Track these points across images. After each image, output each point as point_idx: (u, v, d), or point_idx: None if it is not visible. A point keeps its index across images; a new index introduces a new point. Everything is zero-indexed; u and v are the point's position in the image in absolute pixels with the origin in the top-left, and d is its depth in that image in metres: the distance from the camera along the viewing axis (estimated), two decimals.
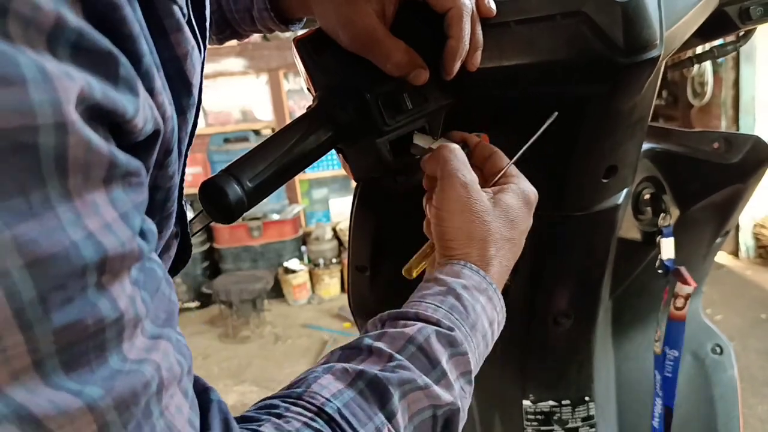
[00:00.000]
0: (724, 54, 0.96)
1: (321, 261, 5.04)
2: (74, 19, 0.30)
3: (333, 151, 0.76)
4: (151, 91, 0.37)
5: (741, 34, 0.93)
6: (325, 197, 5.41)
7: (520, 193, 0.66)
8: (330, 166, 5.11)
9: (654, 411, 0.94)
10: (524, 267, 0.91)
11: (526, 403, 0.99)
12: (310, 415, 0.46)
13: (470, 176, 0.64)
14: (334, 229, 5.25)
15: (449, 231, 0.63)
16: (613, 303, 1.01)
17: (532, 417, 0.99)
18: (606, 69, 0.66)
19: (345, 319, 4.01)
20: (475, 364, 0.58)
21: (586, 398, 0.99)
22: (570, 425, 0.99)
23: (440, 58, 0.66)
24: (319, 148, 0.66)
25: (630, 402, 1.05)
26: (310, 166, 0.69)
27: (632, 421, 1.05)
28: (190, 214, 0.62)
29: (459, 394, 0.54)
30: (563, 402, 0.99)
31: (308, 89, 0.73)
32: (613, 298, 1.00)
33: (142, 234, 0.36)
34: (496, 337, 0.63)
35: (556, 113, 0.69)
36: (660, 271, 0.91)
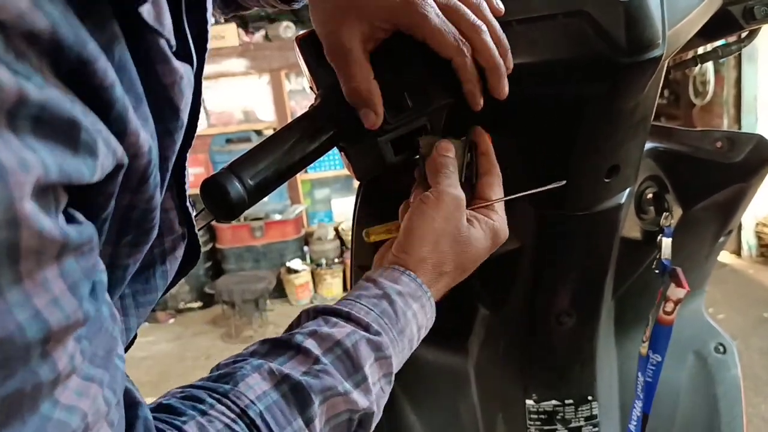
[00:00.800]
0: (728, 54, 0.96)
1: (323, 261, 5.04)
2: (37, 93, 0.31)
3: (335, 151, 0.76)
4: (121, 133, 0.37)
5: (745, 34, 0.93)
6: (328, 197, 5.41)
7: (494, 231, 0.69)
8: (332, 166, 5.11)
9: (632, 414, 0.93)
10: (527, 266, 0.91)
11: (528, 402, 0.99)
12: (233, 416, 0.48)
13: (462, 194, 0.67)
14: (336, 229, 5.25)
15: (422, 231, 0.65)
16: (615, 302, 1.01)
17: (534, 416, 0.99)
18: (608, 68, 0.66)
19: None
20: (397, 365, 0.61)
21: (589, 397, 0.99)
22: (573, 425, 0.99)
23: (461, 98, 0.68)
24: (321, 147, 0.66)
25: (633, 401, 1.05)
26: (312, 164, 0.69)
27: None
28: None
29: (377, 394, 0.57)
30: (566, 401, 0.99)
31: (311, 88, 0.73)
32: (615, 298, 1.00)
33: (93, 289, 0.37)
34: (422, 337, 0.66)
35: (564, 181, 0.73)
36: (657, 272, 0.91)
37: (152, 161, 0.42)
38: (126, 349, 0.53)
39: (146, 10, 0.39)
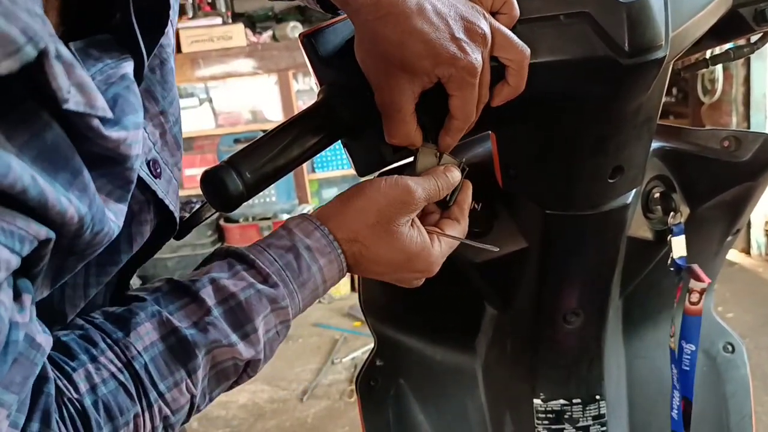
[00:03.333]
0: (740, 56, 0.96)
1: None
2: None
3: (342, 150, 0.77)
4: (41, 216, 0.42)
5: (758, 36, 0.93)
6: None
7: (424, 252, 0.70)
8: (340, 165, 5.11)
9: (672, 403, 0.93)
10: (533, 265, 0.91)
11: (536, 401, 0.99)
12: (120, 365, 0.53)
13: (419, 194, 0.68)
14: None
15: (360, 198, 0.68)
16: (623, 302, 1.01)
17: (542, 416, 1.00)
18: (610, 70, 0.66)
19: (355, 318, 4.01)
20: (297, 313, 0.65)
21: (597, 397, 0.99)
22: (581, 424, 0.99)
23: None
24: (320, 143, 0.68)
25: (641, 400, 1.05)
26: (320, 164, 0.70)
27: (643, 420, 1.05)
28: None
29: (270, 340, 0.62)
30: (574, 401, 0.99)
31: (317, 84, 0.74)
32: (623, 297, 1.00)
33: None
34: (330, 287, 0.68)
35: (498, 249, 0.76)
36: (672, 270, 0.91)
37: (84, 225, 0.46)
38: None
39: (74, 103, 0.41)
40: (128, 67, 0.52)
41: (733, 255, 4.47)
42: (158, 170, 0.62)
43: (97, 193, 0.48)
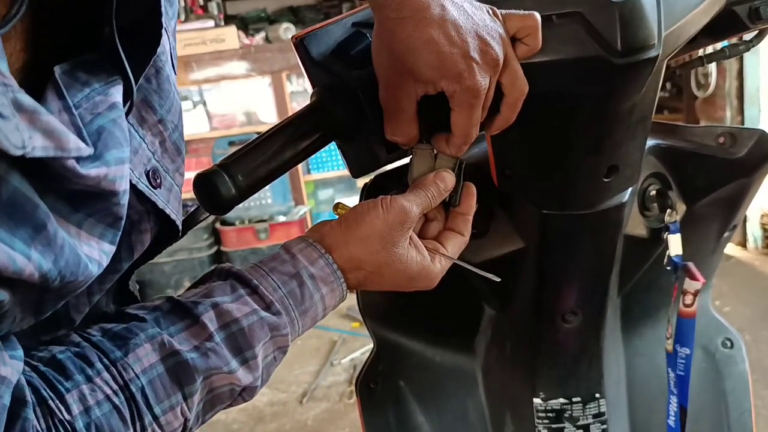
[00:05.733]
0: (736, 54, 0.96)
1: None
2: None
3: (338, 151, 0.77)
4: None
5: (754, 34, 0.93)
6: (331, 198, 5.40)
7: (425, 271, 0.70)
8: (335, 166, 5.10)
9: (669, 409, 0.93)
10: (531, 266, 0.91)
11: (536, 401, 0.99)
12: (115, 387, 0.52)
13: (413, 213, 0.68)
14: None
15: (359, 224, 0.67)
16: (621, 300, 1.01)
17: (542, 415, 1.00)
18: (603, 70, 0.66)
19: (354, 319, 4.01)
20: (294, 338, 0.64)
21: (597, 395, 0.99)
22: (581, 422, 0.99)
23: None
24: (314, 145, 0.68)
25: (641, 398, 1.05)
26: (316, 165, 0.70)
27: (644, 417, 1.05)
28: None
29: (267, 365, 0.61)
30: (574, 399, 0.99)
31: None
32: (621, 295, 1.00)
33: None
34: (328, 313, 0.68)
35: (499, 279, 0.76)
36: (668, 268, 0.91)
37: (49, 279, 0.44)
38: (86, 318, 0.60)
39: (41, 149, 0.40)
40: (117, 93, 0.51)
41: (730, 249, 4.48)
42: (158, 180, 0.61)
43: (86, 235, 0.48)
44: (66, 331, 0.56)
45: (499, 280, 0.76)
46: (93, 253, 0.49)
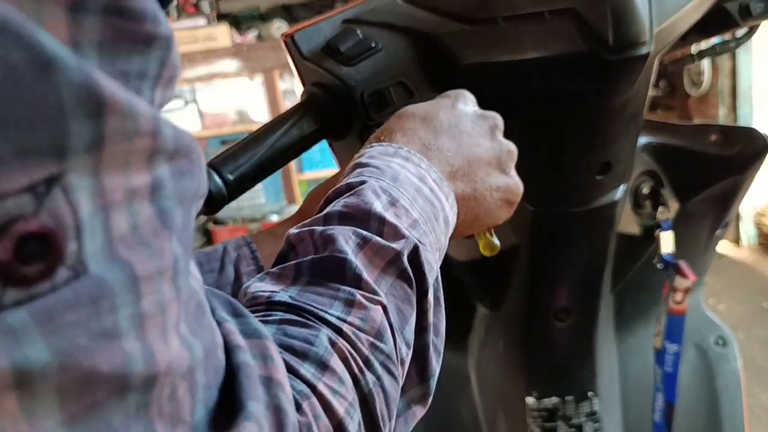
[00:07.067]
0: (726, 50, 0.96)
1: None
2: None
3: (330, 150, 0.77)
4: None
5: (744, 31, 0.93)
6: None
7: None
8: (328, 165, 5.10)
9: (655, 405, 0.94)
10: (524, 264, 0.91)
11: (529, 399, 0.99)
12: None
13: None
14: None
15: (415, 109, 0.60)
16: (614, 297, 1.01)
17: (536, 414, 0.99)
18: (594, 66, 0.67)
19: None
20: (419, 216, 0.51)
21: (590, 393, 0.99)
22: (574, 421, 0.99)
23: None
24: (304, 142, 0.68)
25: (635, 396, 1.05)
26: (308, 164, 0.70)
27: (637, 415, 1.05)
28: None
29: (415, 235, 0.49)
30: (567, 398, 0.99)
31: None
32: (614, 293, 0.99)
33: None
34: (438, 195, 0.55)
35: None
36: (659, 266, 0.91)
37: None
38: None
39: None
40: None
41: (724, 247, 4.50)
42: None
43: None
44: None
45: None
46: None
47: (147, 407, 0.29)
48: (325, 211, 0.49)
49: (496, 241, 0.68)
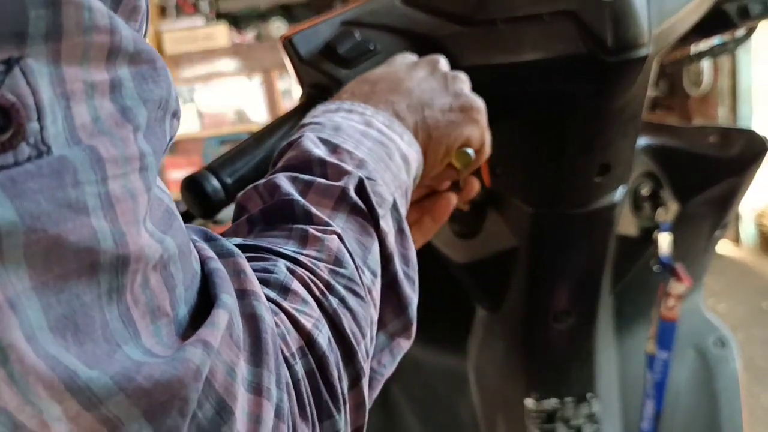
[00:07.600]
0: (725, 51, 0.96)
1: None
2: None
3: None
4: None
5: (744, 32, 0.93)
6: None
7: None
8: None
9: (644, 413, 0.93)
10: (523, 266, 0.91)
11: (528, 401, 0.99)
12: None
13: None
14: None
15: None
16: (614, 299, 1.00)
17: (535, 416, 0.99)
18: (594, 68, 0.67)
19: None
20: (367, 157, 0.53)
21: (589, 395, 0.98)
22: (573, 423, 0.99)
23: None
24: None
25: (634, 397, 1.05)
26: None
27: (636, 417, 1.05)
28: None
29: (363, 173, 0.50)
30: (566, 399, 0.98)
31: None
32: (614, 295, 0.99)
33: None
34: (390, 135, 0.57)
35: None
36: (656, 268, 0.91)
37: None
38: None
39: None
40: None
41: (724, 247, 4.50)
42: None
43: None
44: None
45: None
46: None
47: (120, 292, 0.29)
48: (269, 172, 0.52)
49: (469, 151, 0.66)
